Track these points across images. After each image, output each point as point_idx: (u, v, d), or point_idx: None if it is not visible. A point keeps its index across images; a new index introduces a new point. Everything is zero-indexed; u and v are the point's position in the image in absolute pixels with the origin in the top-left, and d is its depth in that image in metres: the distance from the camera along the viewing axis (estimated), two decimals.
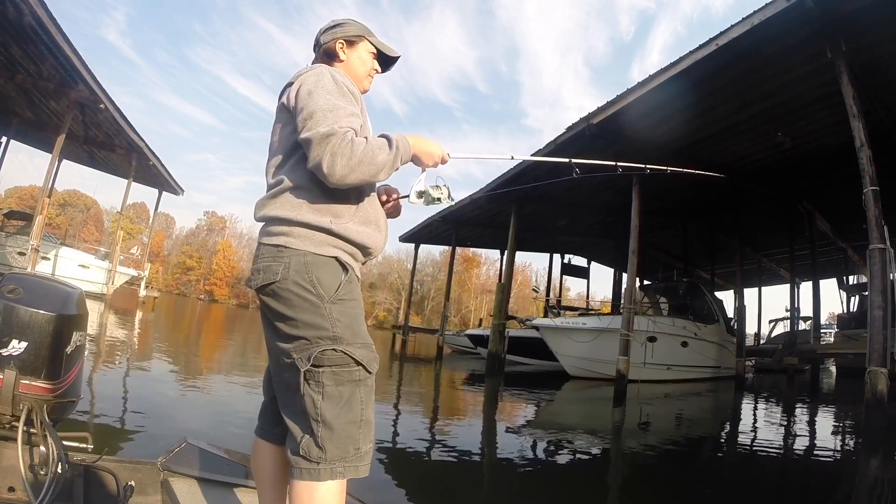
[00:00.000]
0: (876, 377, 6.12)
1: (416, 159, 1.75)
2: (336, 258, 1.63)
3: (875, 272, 6.45)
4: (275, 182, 1.68)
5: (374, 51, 2.00)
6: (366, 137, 1.58)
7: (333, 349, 1.54)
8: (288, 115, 1.69)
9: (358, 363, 1.57)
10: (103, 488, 2.09)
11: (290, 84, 1.74)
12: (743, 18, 7.43)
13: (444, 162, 1.83)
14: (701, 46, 7.99)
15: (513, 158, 2.35)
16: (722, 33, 7.69)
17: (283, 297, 1.57)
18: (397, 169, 1.67)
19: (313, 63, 1.93)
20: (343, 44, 1.94)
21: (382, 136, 1.65)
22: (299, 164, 1.64)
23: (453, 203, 1.89)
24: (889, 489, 4.86)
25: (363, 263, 1.78)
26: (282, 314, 1.58)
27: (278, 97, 1.79)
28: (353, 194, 1.68)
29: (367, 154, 1.53)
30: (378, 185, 1.93)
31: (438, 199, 1.87)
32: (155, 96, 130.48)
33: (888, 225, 12.88)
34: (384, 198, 1.97)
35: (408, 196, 1.91)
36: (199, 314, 33.83)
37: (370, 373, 1.61)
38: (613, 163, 2.46)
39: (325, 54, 1.94)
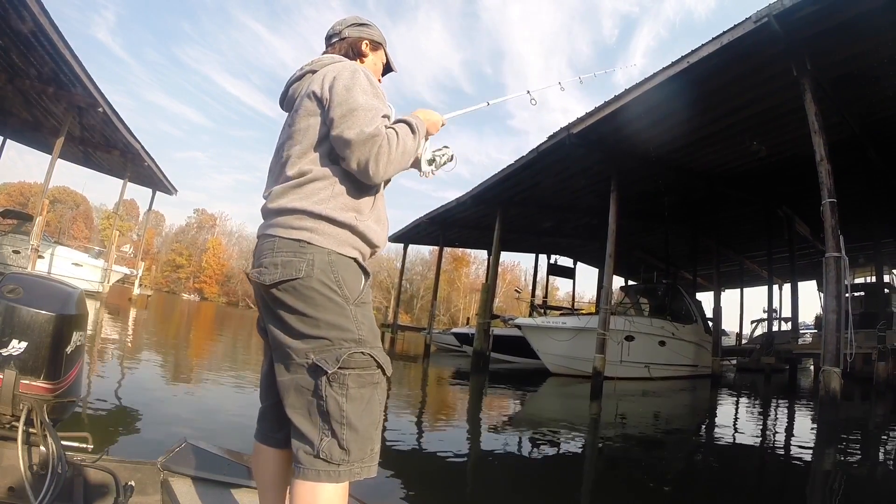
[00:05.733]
0: (829, 376, 6.54)
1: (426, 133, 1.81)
2: (355, 259, 1.63)
3: (830, 279, 6.86)
4: (297, 172, 1.63)
5: (385, 61, 2.08)
6: (392, 128, 1.61)
7: (361, 352, 1.52)
8: (315, 105, 1.66)
9: (379, 366, 1.56)
10: (103, 488, 2.09)
11: (312, 72, 1.75)
12: (713, 38, 7.80)
13: (443, 125, 1.93)
14: (674, 63, 8.39)
15: (488, 104, 2.45)
16: (693, 51, 8.08)
17: (305, 295, 1.53)
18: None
19: (326, 53, 1.94)
20: (368, 44, 1.99)
21: (400, 121, 1.68)
22: (327, 156, 1.62)
23: (454, 164, 1.94)
24: (841, 480, 5.17)
25: None
26: (301, 312, 1.53)
27: (292, 82, 1.84)
28: (372, 191, 1.68)
29: (401, 145, 1.58)
30: None
31: (447, 161, 1.91)
32: (144, 94, 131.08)
33: (868, 229, 13.52)
34: None
35: (419, 167, 1.87)
36: (192, 312, 33.87)
37: (386, 375, 1.60)
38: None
39: (351, 48, 1.95)
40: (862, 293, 17.08)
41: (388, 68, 2.14)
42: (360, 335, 1.55)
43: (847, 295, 7.16)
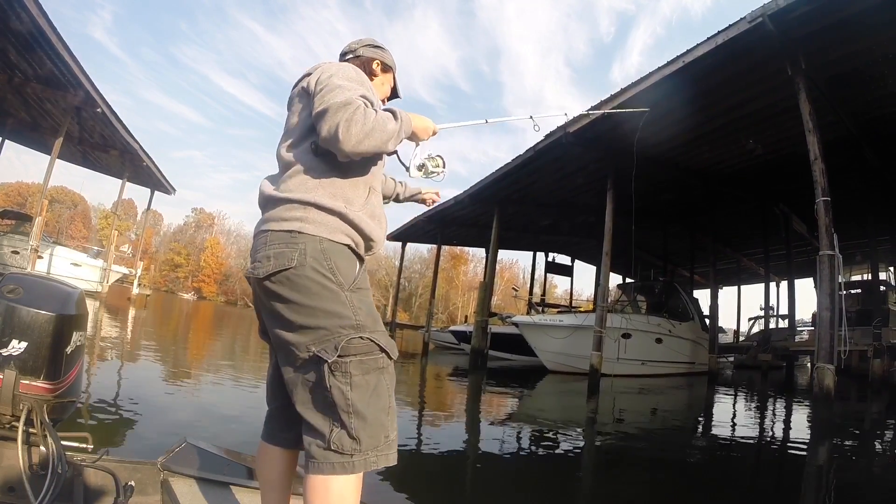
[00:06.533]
0: (823, 373, 6.60)
1: (412, 134, 1.79)
2: (348, 246, 1.62)
3: (824, 276, 6.92)
4: (286, 164, 1.66)
5: (393, 85, 2.16)
6: (375, 109, 1.60)
7: (360, 337, 1.50)
8: (307, 98, 1.69)
9: (382, 350, 1.54)
10: (103, 488, 2.08)
11: (309, 74, 1.78)
12: (708, 38, 7.83)
13: (434, 134, 1.91)
14: (669, 63, 8.43)
15: (486, 122, 2.40)
16: (689, 51, 8.13)
17: (299, 285, 1.51)
18: (401, 141, 1.70)
19: None
20: (380, 64, 2.07)
21: (387, 109, 1.67)
22: (314, 148, 1.64)
23: (443, 176, 1.96)
24: (832, 477, 5.22)
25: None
26: (296, 303, 1.51)
27: (294, 86, 1.85)
28: (363, 185, 1.69)
29: (379, 122, 1.54)
30: (416, 191, 2.34)
31: (436, 170, 1.91)
32: (142, 93, 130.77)
33: (864, 227, 13.56)
34: (428, 200, 2.39)
35: (407, 170, 1.91)
36: (190, 311, 33.88)
37: (392, 359, 1.58)
38: None
39: (363, 66, 2.00)
40: (858, 291, 17.15)
41: (394, 94, 2.20)
42: (358, 320, 1.52)
43: (842, 292, 7.21)
